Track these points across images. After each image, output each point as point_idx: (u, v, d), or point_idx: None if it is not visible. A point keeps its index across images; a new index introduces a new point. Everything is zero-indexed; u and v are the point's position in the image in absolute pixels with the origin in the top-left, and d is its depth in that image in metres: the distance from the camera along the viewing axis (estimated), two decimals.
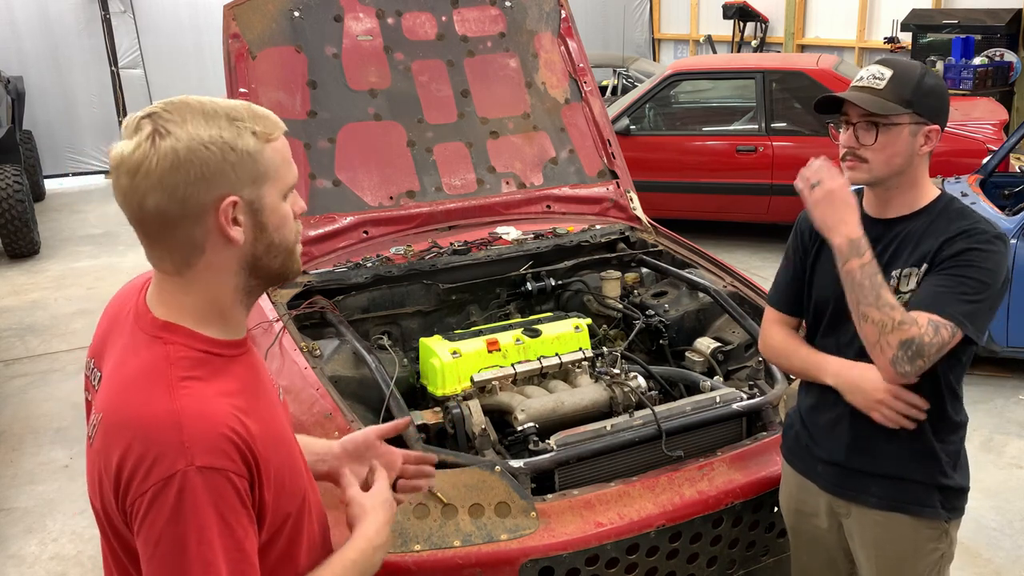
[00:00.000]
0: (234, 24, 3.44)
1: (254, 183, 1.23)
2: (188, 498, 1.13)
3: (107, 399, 1.23)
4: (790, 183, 2.07)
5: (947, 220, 1.91)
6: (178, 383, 1.19)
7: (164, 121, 1.18)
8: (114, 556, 1.30)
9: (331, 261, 3.33)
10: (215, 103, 1.23)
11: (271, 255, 1.28)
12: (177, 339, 1.24)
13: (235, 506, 1.18)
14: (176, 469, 1.13)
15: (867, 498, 2.04)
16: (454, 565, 2.16)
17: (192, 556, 1.14)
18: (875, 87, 1.90)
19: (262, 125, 1.24)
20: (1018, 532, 3.58)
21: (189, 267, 1.24)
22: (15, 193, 7.50)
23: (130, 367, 1.24)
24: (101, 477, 1.21)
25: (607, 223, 3.76)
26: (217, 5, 4.67)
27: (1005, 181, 5.76)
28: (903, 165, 1.91)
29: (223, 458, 1.16)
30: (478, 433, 2.54)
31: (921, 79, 1.90)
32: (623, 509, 2.31)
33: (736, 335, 3.10)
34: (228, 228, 1.22)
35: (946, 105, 1.95)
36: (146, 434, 1.15)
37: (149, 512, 1.14)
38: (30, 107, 10.58)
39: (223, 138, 1.19)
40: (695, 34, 13.82)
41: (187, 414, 1.17)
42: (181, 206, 1.19)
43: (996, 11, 9.50)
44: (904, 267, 1.92)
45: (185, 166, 1.17)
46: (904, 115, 1.88)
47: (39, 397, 5.13)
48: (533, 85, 3.88)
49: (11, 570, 3.58)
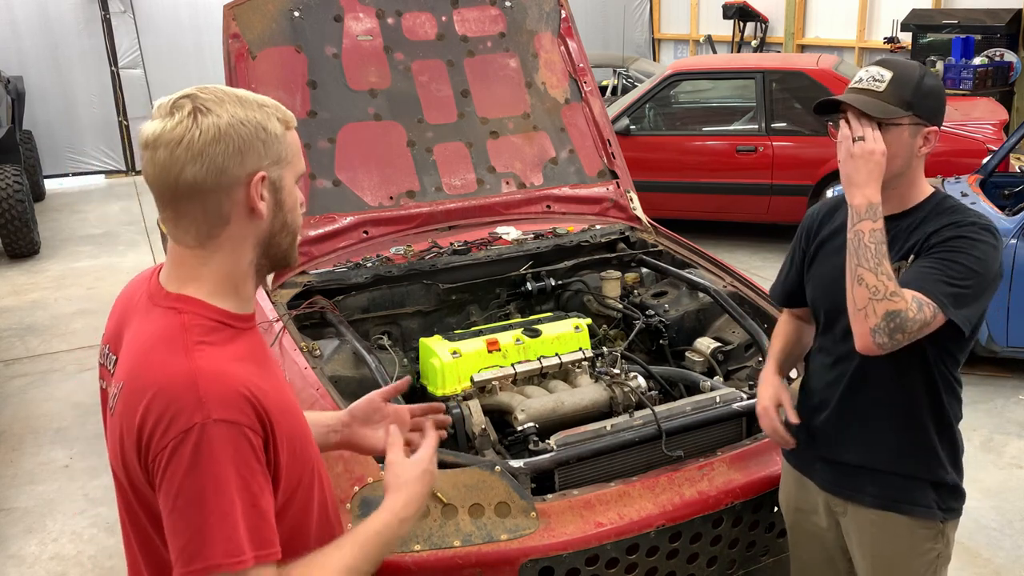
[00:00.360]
0: (234, 24, 3.44)
1: (278, 163, 1.33)
2: (205, 450, 1.19)
3: (127, 367, 1.30)
4: (790, 183, 2.09)
5: (938, 215, 1.92)
6: (194, 346, 1.26)
7: (203, 101, 1.28)
8: (134, 523, 1.34)
9: (331, 261, 3.33)
10: (243, 91, 1.34)
11: (283, 234, 1.37)
12: (191, 308, 1.31)
13: (250, 462, 1.23)
14: (194, 422, 1.19)
15: (863, 496, 2.04)
16: (454, 565, 2.16)
17: (211, 507, 1.19)
18: (875, 89, 1.89)
19: (283, 114, 1.36)
20: (1018, 532, 3.58)
21: (211, 239, 1.32)
22: (15, 193, 7.50)
23: (147, 336, 1.31)
24: (123, 439, 1.26)
25: (607, 223, 3.76)
26: (217, 5, 4.67)
27: (1005, 181, 5.76)
28: (902, 167, 1.91)
29: (238, 413, 1.22)
30: (478, 433, 2.54)
31: (921, 80, 1.89)
32: (623, 509, 2.31)
33: (736, 335, 3.10)
34: (256, 200, 1.30)
35: (944, 106, 1.95)
36: (165, 392, 1.21)
37: (169, 465, 1.19)
38: (30, 107, 10.58)
39: (257, 119, 1.30)
40: (695, 34, 13.83)
41: (203, 372, 1.23)
42: (217, 177, 1.27)
43: (996, 11, 9.50)
44: (895, 261, 1.90)
45: (225, 139, 1.27)
46: (904, 117, 1.87)
47: (39, 397, 5.13)
48: (533, 85, 3.88)
49: (11, 570, 3.58)
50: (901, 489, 2.00)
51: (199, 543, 1.19)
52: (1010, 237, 4.54)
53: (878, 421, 1.97)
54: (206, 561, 1.18)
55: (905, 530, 2.01)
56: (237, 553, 1.19)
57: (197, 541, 1.19)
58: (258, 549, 1.21)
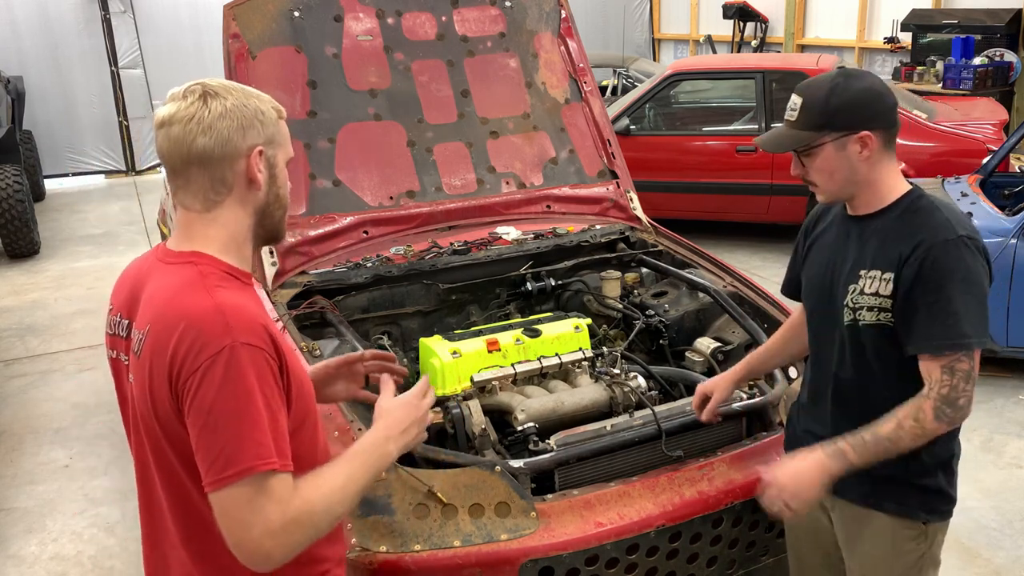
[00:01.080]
0: (234, 24, 3.44)
1: (272, 143, 1.55)
2: (234, 367, 1.36)
3: (152, 313, 1.46)
4: (790, 183, 2.12)
5: (908, 222, 1.91)
6: (214, 287, 1.45)
7: (211, 88, 1.51)
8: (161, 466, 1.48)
9: (331, 261, 3.33)
10: (245, 87, 1.55)
11: (276, 206, 1.59)
12: (205, 261, 1.50)
13: (271, 383, 1.40)
14: (224, 344, 1.36)
15: (847, 493, 2.05)
16: (454, 565, 2.16)
17: (242, 417, 1.35)
18: (791, 119, 1.95)
19: (275, 106, 1.58)
20: (1018, 532, 3.58)
21: (216, 204, 1.52)
22: (15, 193, 7.50)
23: (168, 285, 1.47)
24: (151, 376, 1.42)
25: (607, 223, 3.76)
26: (217, 5, 4.68)
27: (1005, 181, 5.76)
28: (849, 176, 1.93)
29: (260, 339, 1.40)
30: (478, 433, 2.54)
31: (829, 97, 1.89)
32: (623, 509, 2.31)
33: (736, 335, 3.09)
34: (255, 170, 1.51)
35: (872, 108, 1.90)
36: (196, 323, 1.39)
37: (201, 385, 1.35)
38: (30, 107, 10.58)
39: (257, 104, 1.53)
40: (695, 34, 13.83)
41: (228, 305, 1.42)
42: (223, 148, 1.48)
43: (996, 11, 9.50)
44: (871, 268, 1.93)
45: (230, 116, 1.49)
46: (822, 137, 1.90)
47: (39, 397, 5.13)
48: (533, 85, 3.88)
49: (11, 570, 3.58)
50: (883, 488, 2.00)
51: (232, 450, 1.34)
52: (1010, 237, 4.54)
53: (863, 420, 1.96)
54: (239, 465, 1.34)
55: (887, 529, 2.02)
56: (266, 456, 1.35)
57: (231, 448, 1.34)
58: (283, 458, 1.38)
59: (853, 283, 1.96)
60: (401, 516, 2.21)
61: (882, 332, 1.93)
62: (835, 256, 2.04)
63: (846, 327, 1.98)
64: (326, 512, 1.44)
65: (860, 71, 2.04)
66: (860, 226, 1.99)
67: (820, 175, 1.95)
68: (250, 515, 1.34)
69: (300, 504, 1.39)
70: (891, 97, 1.94)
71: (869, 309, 1.93)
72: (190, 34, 11.44)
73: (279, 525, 1.36)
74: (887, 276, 1.90)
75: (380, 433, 1.60)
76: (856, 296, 1.95)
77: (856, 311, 1.95)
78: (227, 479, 1.34)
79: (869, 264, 1.94)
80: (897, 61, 10.73)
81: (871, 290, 1.92)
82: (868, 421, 1.94)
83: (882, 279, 1.91)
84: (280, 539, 1.36)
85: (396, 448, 1.61)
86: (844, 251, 2.02)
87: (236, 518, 1.35)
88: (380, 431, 1.60)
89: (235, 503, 1.35)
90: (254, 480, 1.34)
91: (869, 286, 1.93)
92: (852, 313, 1.96)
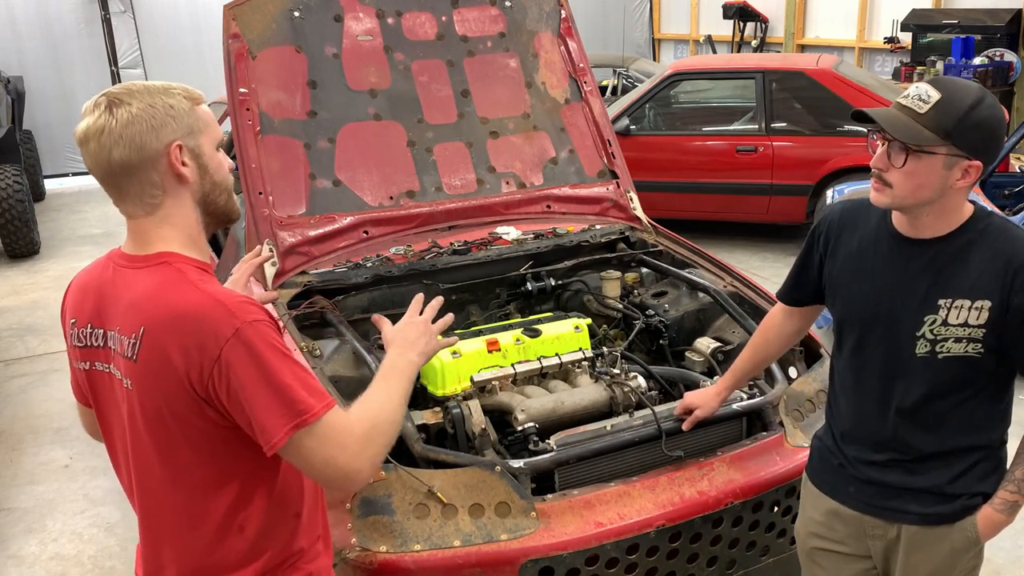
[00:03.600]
0: (234, 24, 3.44)
1: (192, 134, 1.54)
2: (253, 343, 1.43)
3: (141, 317, 1.47)
4: (790, 183, 2.06)
5: (989, 246, 1.80)
6: (197, 281, 1.49)
7: (115, 96, 1.50)
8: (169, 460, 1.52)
9: (331, 261, 3.33)
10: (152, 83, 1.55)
11: (216, 193, 1.59)
12: (176, 259, 1.53)
13: (283, 343, 1.48)
14: (235, 327, 1.43)
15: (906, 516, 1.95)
16: (454, 565, 2.16)
17: (283, 376, 1.44)
18: (917, 109, 1.74)
19: (188, 93, 1.57)
20: (1018, 532, 3.58)
21: (157, 207, 1.54)
22: (15, 193, 7.50)
23: (149, 289, 1.50)
24: (159, 376, 1.45)
25: (607, 223, 3.76)
26: (217, 5, 4.67)
27: (1005, 181, 5.77)
28: (930, 197, 1.78)
29: (260, 313, 1.48)
30: (478, 433, 2.53)
31: (971, 110, 1.72)
32: (623, 509, 2.31)
33: (736, 335, 3.09)
34: (178, 166, 1.51)
35: (995, 140, 1.77)
36: (198, 317, 1.43)
37: (230, 368, 1.42)
38: (30, 107, 10.58)
39: (164, 100, 1.51)
40: (695, 34, 13.83)
41: (219, 294, 1.47)
42: (140, 153, 1.48)
43: (996, 11, 9.51)
44: (956, 297, 1.81)
45: (138, 121, 1.48)
46: (940, 146, 1.73)
47: (39, 397, 5.13)
48: (533, 85, 3.88)
49: (11, 570, 3.58)
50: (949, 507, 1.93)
51: (291, 402, 1.43)
52: None
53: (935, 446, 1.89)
54: (302, 415, 1.43)
55: (947, 544, 1.95)
56: (322, 397, 1.47)
57: (288, 402, 1.43)
58: (324, 400, 1.47)
59: (931, 313, 1.83)
60: (401, 516, 2.21)
61: (967, 364, 1.83)
62: (893, 281, 1.89)
63: (919, 358, 1.86)
64: (386, 421, 1.56)
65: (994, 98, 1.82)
66: (924, 249, 1.85)
67: (908, 181, 1.77)
68: (330, 450, 1.46)
69: (363, 423, 1.51)
70: None
71: (957, 340, 1.81)
72: (190, 34, 11.44)
73: (357, 447, 1.48)
74: (979, 304, 1.79)
75: (397, 350, 1.70)
76: (938, 327, 1.82)
77: (937, 343, 1.83)
78: (296, 427, 1.43)
79: (952, 292, 1.81)
80: (897, 61, 10.73)
81: (958, 320, 1.81)
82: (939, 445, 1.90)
83: (972, 308, 1.79)
84: (364, 456, 1.49)
85: (417, 356, 1.71)
86: (907, 277, 1.87)
87: (320, 457, 1.46)
88: (396, 349, 1.70)
89: (311, 448, 1.45)
90: (318, 424, 1.45)
91: (956, 316, 1.81)
92: (930, 345, 1.84)
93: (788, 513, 2.52)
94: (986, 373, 1.85)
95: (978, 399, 1.88)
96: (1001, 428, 1.96)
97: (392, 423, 1.57)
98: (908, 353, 1.87)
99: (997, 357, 1.83)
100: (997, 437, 1.96)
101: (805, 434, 2.61)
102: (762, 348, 2.35)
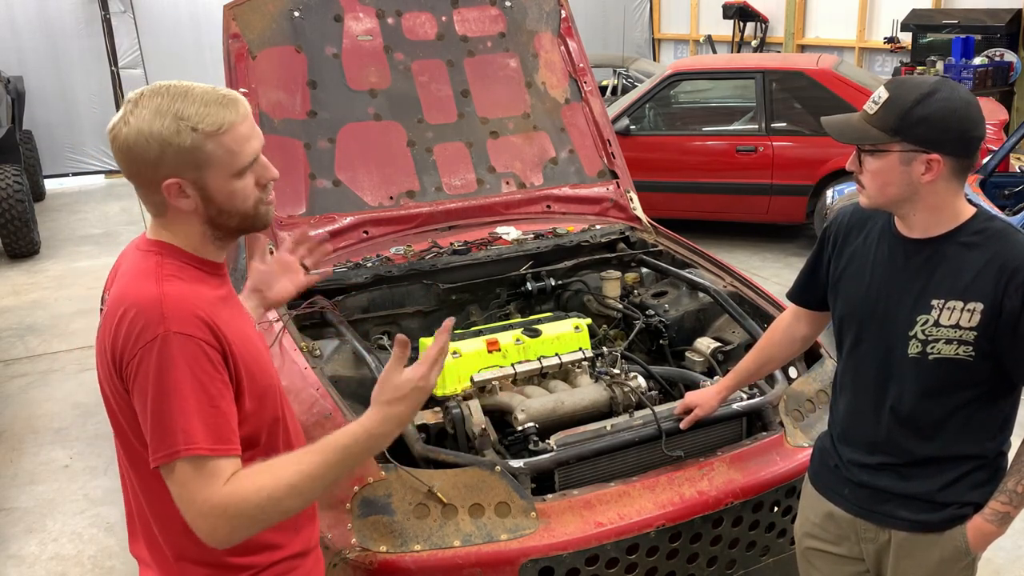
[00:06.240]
0: (234, 24, 3.44)
1: (196, 169, 1.46)
2: (166, 356, 1.39)
3: (112, 295, 1.52)
4: (790, 183, 2.05)
5: (987, 248, 1.79)
6: (165, 278, 1.47)
7: (132, 108, 1.46)
8: (120, 433, 1.52)
9: (331, 261, 3.33)
10: (177, 93, 1.46)
11: (224, 217, 1.53)
12: (166, 252, 1.53)
13: (208, 369, 1.42)
14: (157, 333, 1.40)
15: (897, 522, 1.95)
16: (454, 565, 2.16)
17: (171, 403, 1.38)
18: (869, 111, 1.80)
19: (208, 122, 1.45)
20: (1018, 532, 3.58)
21: (162, 215, 1.54)
22: (15, 193, 7.50)
23: (131, 271, 1.53)
24: (102, 354, 1.48)
25: (607, 223, 3.76)
26: (217, 5, 4.67)
27: (1005, 181, 5.77)
28: (902, 193, 1.79)
29: (195, 329, 1.42)
30: (478, 433, 2.53)
31: (915, 105, 1.73)
32: (623, 509, 2.31)
33: (736, 335, 3.09)
34: (173, 200, 1.48)
35: (949, 132, 1.75)
36: (137, 308, 1.43)
37: (139, 371, 1.40)
38: (30, 107, 10.57)
39: (162, 135, 1.43)
40: (695, 34, 13.83)
41: (169, 295, 1.44)
42: (137, 179, 1.49)
43: (996, 11, 9.51)
44: (947, 298, 1.80)
45: (132, 152, 1.45)
46: (891, 143, 1.76)
47: (39, 397, 5.13)
48: (533, 85, 3.88)
49: (11, 570, 3.58)
50: (937, 515, 1.92)
51: (163, 433, 1.38)
52: None
53: (927, 450, 1.88)
54: (168, 448, 1.38)
55: (936, 552, 1.94)
56: (191, 441, 1.37)
57: (161, 432, 1.39)
58: (215, 443, 1.39)
59: (923, 313, 1.82)
60: (401, 516, 2.21)
61: (958, 366, 1.81)
62: (889, 280, 1.89)
63: (910, 359, 1.85)
64: (268, 502, 1.39)
65: (966, 90, 1.81)
66: (920, 249, 1.85)
67: (874, 181, 1.81)
68: (186, 495, 1.39)
69: (229, 492, 1.38)
70: (981, 129, 1.78)
71: (948, 342, 1.80)
72: (190, 34, 11.43)
73: (207, 508, 1.38)
74: (972, 306, 1.77)
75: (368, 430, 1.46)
76: (929, 328, 1.82)
77: (928, 343, 1.82)
78: (159, 460, 1.39)
79: (945, 293, 1.80)
80: (897, 61, 10.73)
81: (949, 322, 1.80)
82: (931, 450, 1.89)
83: (964, 310, 1.78)
84: (212, 522, 1.38)
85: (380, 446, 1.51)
86: (902, 276, 1.87)
87: (177, 496, 1.40)
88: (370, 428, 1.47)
89: (173, 483, 1.40)
90: (187, 463, 1.38)
91: (947, 317, 1.80)
92: (921, 345, 1.83)
93: (788, 513, 2.52)
94: (980, 379, 1.84)
95: (973, 406, 1.86)
96: (999, 439, 1.93)
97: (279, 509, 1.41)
98: (900, 353, 1.87)
99: (992, 364, 1.82)
100: (993, 447, 1.92)
101: (805, 434, 2.61)
102: (767, 350, 2.35)
